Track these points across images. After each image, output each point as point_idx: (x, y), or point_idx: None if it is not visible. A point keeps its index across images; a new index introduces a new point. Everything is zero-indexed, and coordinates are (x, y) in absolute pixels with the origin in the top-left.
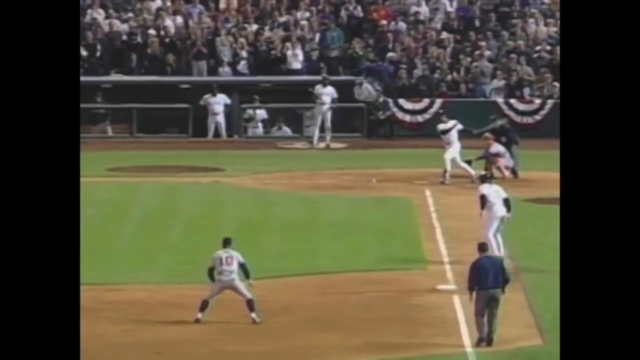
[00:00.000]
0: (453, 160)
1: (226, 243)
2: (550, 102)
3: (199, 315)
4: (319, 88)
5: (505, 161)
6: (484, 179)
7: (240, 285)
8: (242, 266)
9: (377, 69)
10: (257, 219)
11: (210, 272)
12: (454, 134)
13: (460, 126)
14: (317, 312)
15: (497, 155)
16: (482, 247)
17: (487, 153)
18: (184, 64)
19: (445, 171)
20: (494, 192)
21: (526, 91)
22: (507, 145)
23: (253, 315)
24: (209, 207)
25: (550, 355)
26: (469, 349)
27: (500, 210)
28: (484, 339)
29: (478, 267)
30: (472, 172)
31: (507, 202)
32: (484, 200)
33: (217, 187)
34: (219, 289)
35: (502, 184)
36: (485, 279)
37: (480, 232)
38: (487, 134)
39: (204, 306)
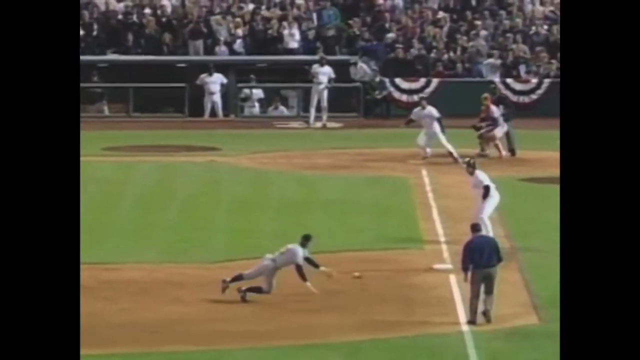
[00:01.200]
0: (428, 143)
1: (306, 240)
2: (546, 81)
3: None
4: (315, 67)
5: (500, 130)
6: (471, 166)
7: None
8: (308, 260)
9: (374, 48)
10: (253, 198)
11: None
12: (428, 121)
13: (436, 114)
14: (313, 292)
15: (494, 123)
16: (475, 227)
17: (488, 117)
18: (180, 43)
19: (424, 151)
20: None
21: (522, 70)
22: (505, 118)
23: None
24: (206, 186)
25: (547, 333)
26: (465, 327)
27: (496, 194)
28: (475, 322)
29: (472, 247)
30: (455, 153)
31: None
32: (488, 190)
33: (214, 167)
34: (260, 272)
35: (500, 163)
36: (480, 257)
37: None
38: (486, 94)
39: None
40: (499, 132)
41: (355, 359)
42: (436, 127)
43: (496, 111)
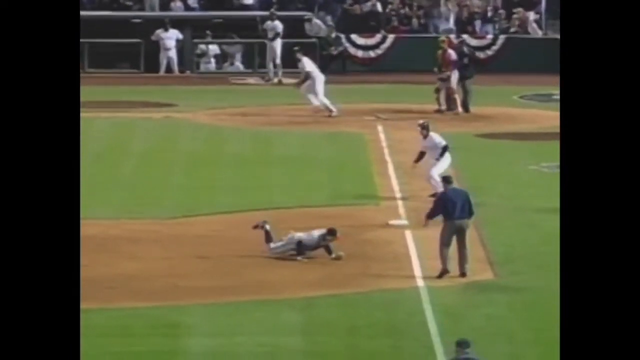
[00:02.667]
0: (316, 96)
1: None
2: (502, 37)
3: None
4: (268, 23)
5: (454, 78)
6: (426, 129)
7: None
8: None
9: (331, 3)
10: (210, 154)
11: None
12: (310, 71)
13: (309, 67)
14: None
15: (454, 66)
16: (448, 179)
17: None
18: None
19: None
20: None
21: (478, 26)
22: (464, 71)
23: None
24: (162, 142)
25: (501, 288)
26: (420, 283)
27: (448, 155)
28: (447, 271)
29: (445, 199)
30: (333, 108)
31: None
32: (446, 149)
33: (170, 123)
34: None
35: (455, 119)
36: (453, 209)
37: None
38: (443, 37)
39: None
40: (454, 79)
41: (310, 315)
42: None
43: (454, 54)
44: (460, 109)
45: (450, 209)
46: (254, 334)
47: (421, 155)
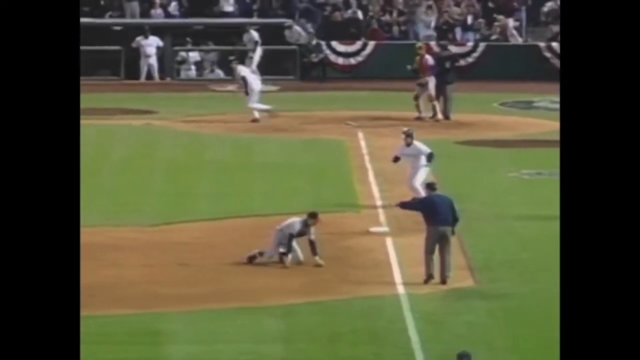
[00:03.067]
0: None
1: (312, 217)
2: (482, 44)
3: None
4: (245, 36)
5: (431, 83)
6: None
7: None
8: (311, 243)
9: (311, 10)
10: (190, 161)
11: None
12: (244, 76)
13: (243, 72)
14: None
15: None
16: (432, 186)
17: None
18: (116, 6)
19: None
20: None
21: (458, 33)
22: (444, 77)
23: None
24: (142, 149)
25: (481, 295)
26: (401, 290)
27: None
28: (432, 276)
29: (429, 202)
30: (265, 107)
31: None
32: (432, 157)
33: (150, 130)
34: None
35: (435, 126)
36: (436, 214)
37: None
38: (420, 44)
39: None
40: (432, 85)
41: (291, 322)
42: None
43: (431, 60)
44: (440, 115)
45: (433, 213)
46: (235, 342)
47: (396, 159)
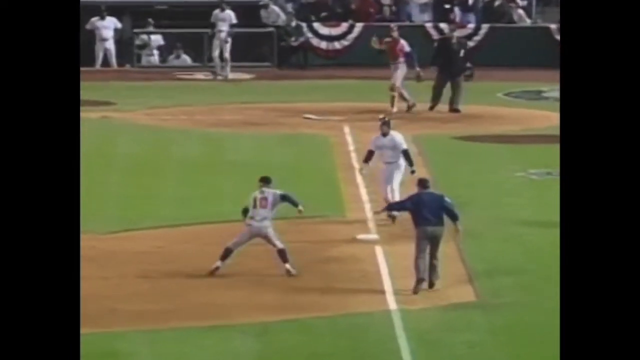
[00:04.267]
0: None
1: (264, 182)
2: (485, 26)
3: (219, 264)
4: (216, 13)
5: (400, 74)
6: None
7: (272, 233)
8: (284, 198)
9: None
10: (152, 159)
11: (244, 212)
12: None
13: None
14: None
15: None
16: (424, 183)
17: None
18: None
19: None
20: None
21: (458, 13)
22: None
23: (287, 266)
24: (98, 146)
25: (483, 310)
26: (392, 305)
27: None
28: (424, 279)
29: (418, 200)
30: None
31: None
32: (408, 155)
33: (107, 124)
34: (248, 236)
35: (432, 120)
36: (425, 214)
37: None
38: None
39: (226, 254)
40: (399, 76)
41: (266, 342)
42: None
43: (407, 46)
44: (394, 109)
45: (421, 213)
46: None
47: (370, 154)
